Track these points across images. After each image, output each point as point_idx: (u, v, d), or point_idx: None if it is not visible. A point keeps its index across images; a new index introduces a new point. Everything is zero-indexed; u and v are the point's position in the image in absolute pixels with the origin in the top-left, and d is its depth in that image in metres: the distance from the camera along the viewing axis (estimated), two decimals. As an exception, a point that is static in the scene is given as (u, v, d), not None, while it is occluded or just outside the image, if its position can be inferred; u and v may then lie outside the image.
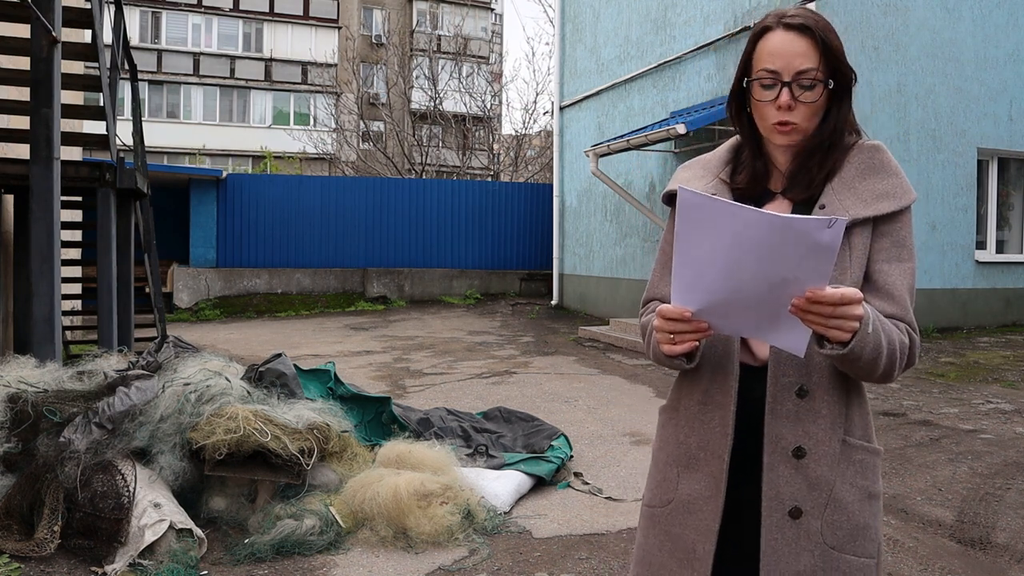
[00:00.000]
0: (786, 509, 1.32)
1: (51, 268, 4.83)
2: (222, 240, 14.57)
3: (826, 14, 8.23)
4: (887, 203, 1.36)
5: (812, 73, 1.33)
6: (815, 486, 1.32)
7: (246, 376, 4.13)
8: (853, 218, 1.33)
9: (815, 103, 1.34)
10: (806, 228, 1.10)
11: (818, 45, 1.34)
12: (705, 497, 1.39)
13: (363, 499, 3.49)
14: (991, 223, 10.15)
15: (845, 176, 1.39)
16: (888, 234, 1.36)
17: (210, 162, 27.40)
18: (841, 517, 1.33)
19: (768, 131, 1.40)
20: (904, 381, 6.76)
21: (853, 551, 1.33)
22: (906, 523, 3.62)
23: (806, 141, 1.40)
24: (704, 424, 1.41)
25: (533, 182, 20.75)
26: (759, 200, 1.45)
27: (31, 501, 3.28)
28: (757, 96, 1.38)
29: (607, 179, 10.59)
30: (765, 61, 1.36)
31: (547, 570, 3.18)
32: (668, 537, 1.44)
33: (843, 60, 1.37)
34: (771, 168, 1.47)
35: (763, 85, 1.36)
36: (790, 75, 1.33)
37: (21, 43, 5.41)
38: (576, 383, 7.28)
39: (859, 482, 1.35)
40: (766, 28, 1.38)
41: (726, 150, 1.55)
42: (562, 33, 14.39)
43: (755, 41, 1.39)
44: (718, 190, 1.46)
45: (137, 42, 27.16)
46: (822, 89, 1.34)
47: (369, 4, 31.87)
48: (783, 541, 1.32)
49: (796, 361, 1.32)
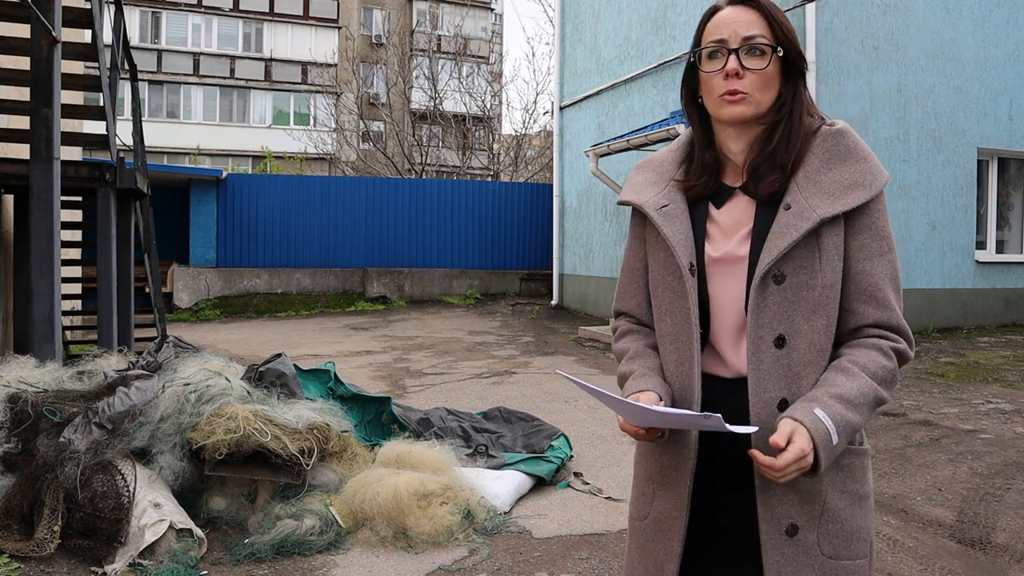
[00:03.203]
0: (783, 528, 1.31)
1: (51, 268, 4.83)
2: (222, 240, 14.57)
3: (826, 14, 8.28)
4: (857, 194, 1.29)
5: (759, 39, 1.31)
6: (808, 499, 1.31)
7: (246, 376, 4.13)
8: (821, 218, 1.27)
9: (764, 70, 1.31)
10: (687, 419, 1.19)
11: (765, 16, 1.33)
12: (673, 517, 1.38)
13: (363, 499, 3.49)
14: (991, 223, 10.16)
15: (810, 168, 1.32)
16: (866, 227, 1.30)
17: (210, 162, 27.41)
18: (835, 526, 1.32)
19: (716, 106, 1.34)
20: (904, 381, 6.76)
21: (848, 555, 1.33)
22: (906, 523, 3.62)
23: (760, 122, 1.35)
24: (675, 443, 1.39)
25: (533, 182, 20.74)
26: (716, 198, 1.39)
27: (31, 501, 3.28)
28: (704, 68, 1.35)
29: (607, 179, 10.59)
30: (712, 33, 1.34)
31: (547, 570, 3.18)
32: (643, 553, 1.44)
33: (792, 36, 1.35)
34: (724, 160, 1.41)
35: (710, 55, 1.34)
36: (737, 42, 1.31)
37: (21, 43, 5.41)
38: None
39: (849, 486, 1.34)
40: (715, 9, 1.38)
41: (679, 146, 1.50)
42: (562, 33, 14.39)
43: (705, 21, 1.38)
44: (671, 196, 1.42)
45: (137, 42, 27.17)
46: (771, 55, 1.31)
47: (369, 4, 31.87)
48: (784, 561, 1.31)
49: (776, 372, 1.30)
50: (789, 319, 1.29)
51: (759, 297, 1.30)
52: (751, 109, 1.32)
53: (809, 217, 1.28)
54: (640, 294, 1.50)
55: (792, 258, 1.29)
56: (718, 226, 1.38)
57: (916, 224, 9.20)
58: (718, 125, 1.39)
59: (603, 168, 10.86)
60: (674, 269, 1.38)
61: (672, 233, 1.37)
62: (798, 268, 1.29)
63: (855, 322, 1.32)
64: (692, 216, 1.40)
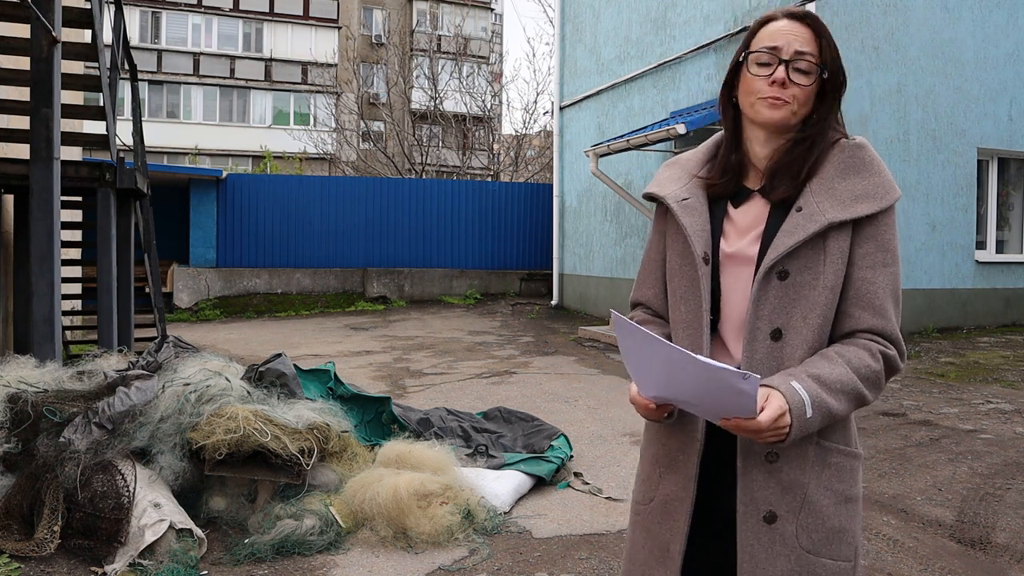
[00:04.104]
0: (761, 514, 1.33)
1: (51, 268, 4.83)
2: (222, 240, 14.57)
3: (826, 14, 8.28)
4: (867, 204, 1.34)
5: (810, 57, 1.36)
6: (788, 489, 1.33)
7: (246, 376, 4.13)
8: (830, 222, 1.33)
9: (808, 87, 1.37)
10: (723, 376, 1.18)
11: (818, 37, 1.38)
12: (680, 498, 1.41)
13: (363, 499, 3.49)
14: (991, 223, 10.15)
15: (825, 176, 1.38)
16: (872, 237, 1.35)
17: (210, 162, 27.41)
18: (816, 521, 1.33)
19: (753, 106, 1.40)
20: (904, 381, 6.76)
21: (829, 555, 1.34)
22: (906, 523, 3.62)
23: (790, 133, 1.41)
24: (682, 427, 1.43)
25: (533, 182, 20.74)
26: (735, 198, 1.45)
27: (31, 501, 3.28)
28: (752, 71, 1.39)
29: (607, 179, 10.58)
30: (766, 40, 1.39)
31: (547, 570, 3.18)
32: (648, 535, 1.47)
33: (838, 58, 1.40)
34: (748, 164, 1.46)
35: (760, 62, 1.39)
36: (789, 54, 1.36)
37: (21, 43, 5.41)
38: (576, 383, 7.28)
39: (835, 485, 1.35)
40: (770, 17, 1.43)
41: (707, 147, 1.56)
42: (562, 33, 14.39)
43: (758, 28, 1.43)
44: (693, 191, 1.48)
45: (137, 42, 27.16)
46: (816, 76, 1.37)
47: (369, 4, 31.88)
48: (759, 547, 1.33)
49: (769, 364, 1.34)
50: (788, 314, 1.34)
51: (761, 290, 1.35)
52: (788, 115, 1.38)
53: (818, 220, 1.33)
54: (657, 285, 1.55)
55: (798, 257, 1.34)
56: (734, 224, 1.43)
57: (916, 224, 9.20)
58: (749, 127, 1.44)
59: (603, 168, 10.86)
60: (690, 259, 1.43)
61: (690, 224, 1.44)
62: (803, 267, 1.34)
63: (850, 326, 1.36)
64: (711, 212, 1.46)
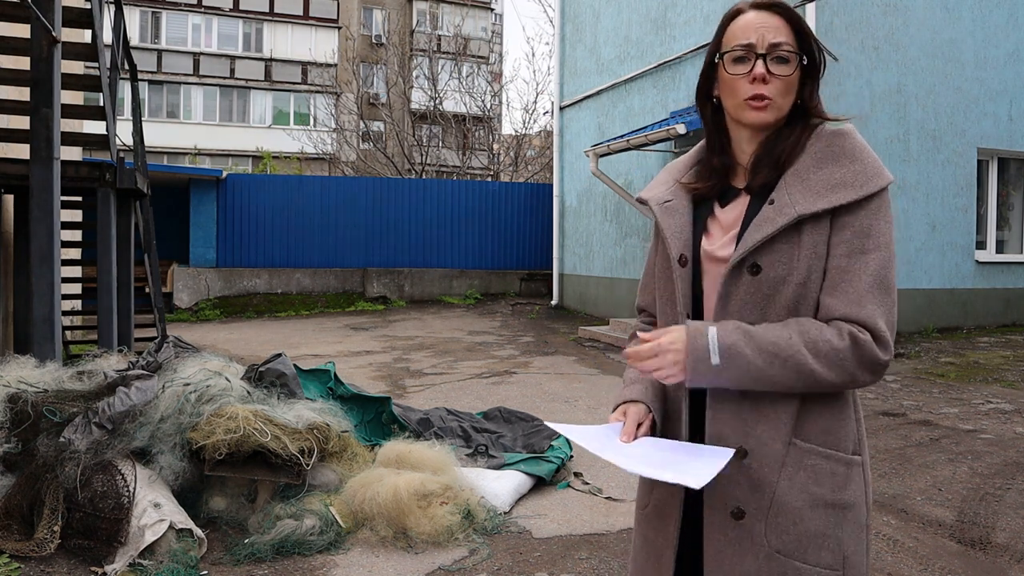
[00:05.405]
0: (728, 509, 1.31)
1: (51, 268, 4.83)
2: (222, 240, 14.57)
3: (826, 14, 8.28)
4: (843, 193, 1.28)
5: (785, 46, 1.33)
6: (757, 487, 1.29)
7: (246, 376, 4.12)
8: (799, 215, 1.28)
9: (789, 77, 1.33)
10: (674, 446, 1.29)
11: (790, 22, 1.35)
12: (670, 504, 1.40)
13: (363, 499, 3.49)
14: (991, 223, 10.15)
15: (800, 167, 1.33)
16: (848, 225, 1.28)
17: (210, 162, 27.40)
18: (786, 521, 1.28)
19: (739, 109, 1.36)
20: (904, 381, 6.76)
21: (804, 559, 1.28)
22: (906, 523, 3.62)
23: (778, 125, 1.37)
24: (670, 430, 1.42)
25: (533, 182, 20.74)
26: (722, 197, 1.42)
27: (31, 501, 3.28)
28: (730, 71, 1.35)
29: (607, 179, 10.58)
30: (738, 37, 1.35)
31: (547, 570, 3.18)
32: (645, 540, 1.46)
33: (814, 39, 1.37)
34: (735, 164, 1.42)
35: (736, 59, 1.35)
36: (764, 47, 1.33)
37: (21, 43, 5.41)
38: (576, 383, 7.28)
39: (811, 488, 1.29)
40: (738, 11, 1.39)
41: (696, 151, 1.52)
42: (562, 33, 14.39)
43: (726, 23, 1.39)
44: (676, 193, 1.46)
45: (137, 42, 27.15)
46: (795, 64, 1.33)
47: (369, 4, 31.87)
48: (725, 542, 1.31)
49: None
50: (761, 310, 1.31)
51: (730, 286, 1.32)
52: (774, 115, 1.35)
53: (788, 213, 1.29)
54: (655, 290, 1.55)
55: (771, 252, 1.29)
56: (719, 224, 1.40)
57: (916, 224, 9.20)
58: (735, 127, 1.41)
59: (603, 168, 10.86)
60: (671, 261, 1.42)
61: (668, 226, 1.42)
62: (775, 262, 1.29)
63: (823, 316, 1.29)
64: (696, 213, 1.43)
